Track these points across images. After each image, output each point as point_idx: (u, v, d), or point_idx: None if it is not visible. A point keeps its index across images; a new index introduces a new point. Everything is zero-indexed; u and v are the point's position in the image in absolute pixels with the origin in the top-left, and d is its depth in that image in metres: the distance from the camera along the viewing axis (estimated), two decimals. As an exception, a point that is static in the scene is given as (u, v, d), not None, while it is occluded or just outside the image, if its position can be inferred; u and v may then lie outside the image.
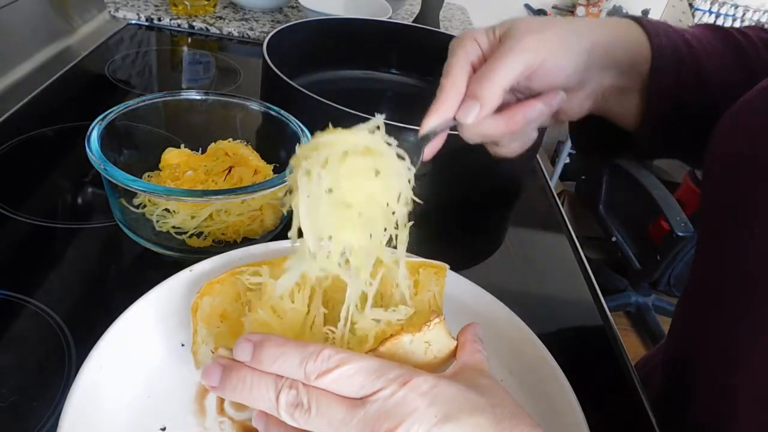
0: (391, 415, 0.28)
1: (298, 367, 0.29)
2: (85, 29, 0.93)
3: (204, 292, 0.38)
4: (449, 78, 0.41)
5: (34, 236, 0.51)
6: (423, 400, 0.28)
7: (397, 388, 0.29)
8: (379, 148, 0.35)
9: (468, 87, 0.41)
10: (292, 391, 0.29)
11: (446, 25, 1.32)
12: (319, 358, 0.29)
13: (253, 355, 0.30)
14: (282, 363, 0.29)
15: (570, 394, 0.39)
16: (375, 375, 0.29)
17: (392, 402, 0.28)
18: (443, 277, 0.42)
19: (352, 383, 0.29)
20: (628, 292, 2.06)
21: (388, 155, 0.35)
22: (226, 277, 0.39)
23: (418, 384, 0.29)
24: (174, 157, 0.54)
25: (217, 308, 0.38)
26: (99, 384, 0.35)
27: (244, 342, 0.30)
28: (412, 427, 0.28)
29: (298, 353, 0.29)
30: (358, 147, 0.35)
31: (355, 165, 0.34)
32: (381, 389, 0.29)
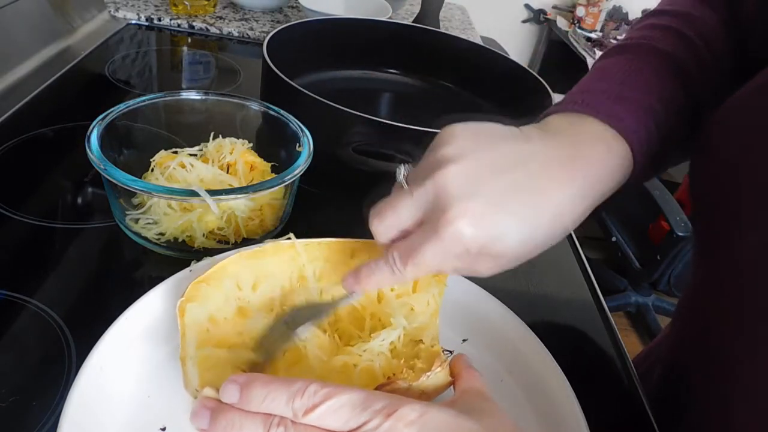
0: None
1: (285, 404, 0.29)
2: (85, 29, 0.93)
3: (190, 296, 0.37)
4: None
5: (34, 236, 0.51)
6: (410, 430, 0.28)
7: (383, 419, 0.28)
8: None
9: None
10: (280, 428, 0.29)
11: (446, 25, 1.32)
12: (305, 394, 0.29)
13: (241, 397, 0.30)
14: (270, 402, 0.29)
15: (570, 394, 0.39)
16: (360, 408, 0.29)
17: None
18: (444, 278, 0.42)
19: (338, 417, 0.29)
20: (628, 292, 2.06)
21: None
22: (211, 274, 0.38)
23: (404, 414, 0.29)
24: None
25: (203, 314, 0.38)
26: (99, 384, 0.35)
27: (231, 384, 0.30)
28: None
29: (285, 391, 0.29)
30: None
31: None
32: (367, 422, 0.28)
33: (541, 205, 0.35)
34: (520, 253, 0.36)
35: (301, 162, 0.50)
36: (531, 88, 0.75)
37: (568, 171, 0.37)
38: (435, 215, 0.35)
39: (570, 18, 2.86)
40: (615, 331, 0.53)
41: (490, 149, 0.36)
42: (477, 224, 0.34)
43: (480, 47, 0.87)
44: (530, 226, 0.35)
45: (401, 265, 0.36)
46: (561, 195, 0.36)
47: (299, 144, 0.53)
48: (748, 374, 0.36)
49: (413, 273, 0.36)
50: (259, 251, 0.41)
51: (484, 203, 0.34)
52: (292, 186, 0.53)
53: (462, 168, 0.35)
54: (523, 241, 0.35)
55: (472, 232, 0.34)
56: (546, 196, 0.36)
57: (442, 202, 0.35)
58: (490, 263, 0.37)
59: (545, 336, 0.43)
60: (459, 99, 0.86)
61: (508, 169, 0.35)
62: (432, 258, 0.35)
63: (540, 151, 0.37)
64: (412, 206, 0.36)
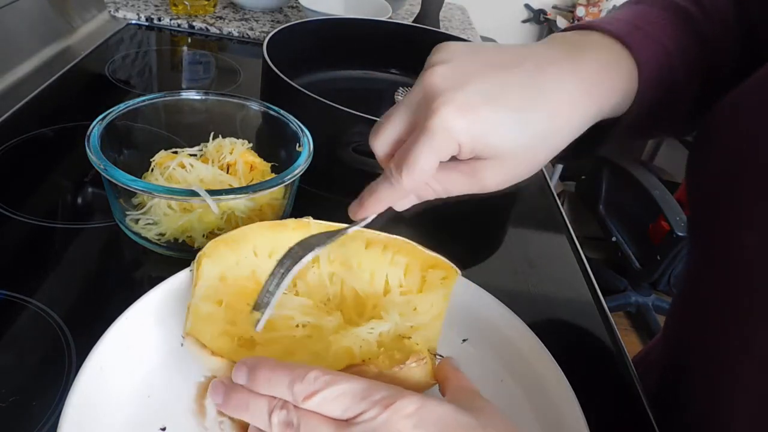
0: None
1: (286, 389, 0.30)
2: (85, 29, 0.93)
3: (207, 252, 0.40)
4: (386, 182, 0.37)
5: (34, 236, 0.51)
6: (407, 422, 0.28)
7: (380, 410, 0.29)
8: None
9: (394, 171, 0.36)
10: (282, 411, 0.30)
11: (446, 25, 1.32)
12: (305, 380, 0.30)
13: (249, 379, 0.32)
14: (273, 385, 0.31)
15: (570, 394, 0.39)
16: (359, 397, 0.29)
17: (375, 424, 0.28)
18: (451, 283, 0.42)
19: (337, 405, 0.29)
20: (628, 292, 2.06)
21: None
22: (234, 235, 0.41)
23: (402, 406, 0.29)
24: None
25: (216, 272, 0.40)
26: (99, 384, 0.35)
27: (241, 366, 0.32)
28: None
29: (287, 376, 0.30)
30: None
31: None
32: (364, 412, 0.29)
33: (536, 98, 0.34)
34: (519, 150, 0.34)
35: (301, 162, 0.50)
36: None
37: (567, 67, 0.35)
38: (423, 113, 0.34)
39: (570, 18, 2.86)
40: (615, 331, 0.53)
41: (483, 52, 0.35)
42: (465, 114, 0.33)
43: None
44: (525, 118, 0.34)
45: (397, 174, 0.35)
46: (558, 89, 0.34)
47: (299, 144, 0.53)
48: (744, 371, 0.36)
49: (409, 180, 0.35)
50: (280, 224, 0.42)
51: (472, 94, 0.33)
52: (292, 186, 0.53)
53: (450, 66, 0.34)
54: (520, 134, 0.34)
55: (460, 123, 0.33)
56: (541, 90, 0.34)
57: (429, 98, 0.34)
58: (492, 169, 0.35)
59: (545, 336, 0.43)
60: (459, 99, 0.86)
61: (501, 66, 0.34)
62: (425, 159, 0.33)
63: (539, 52, 0.36)
64: (403, 112, 0.35)
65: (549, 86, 0.34)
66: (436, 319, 0.40)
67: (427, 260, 0.43)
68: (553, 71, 0.35)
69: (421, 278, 0.43)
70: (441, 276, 0.42)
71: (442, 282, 0.42)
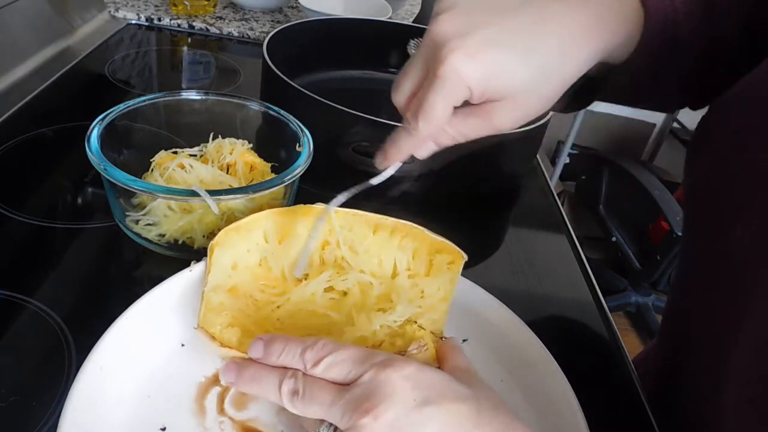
0: (372, 395, 0.30)
1: (298, 357, 0.32)
2: (85, 29, 0.93)
3: (220, 241, 0.41)
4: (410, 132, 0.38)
5: (34, 236, 0.51)
6: (405, 383, 0.30)
7: (380, 369, 0.31)
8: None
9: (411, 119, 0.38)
10: (291, 380, 0.32)
11: (446, 25, 1.32)
12: (315, 347, 0.32)
13: (264, 351, 0.34)
14: (286, 355, 0.33)
15: (570, 394, 0.39)
16: (360, 361, 0.31)
17: (375, 383, 0.30)
18: (458, 268, 0.43)
19: (340, 369, 0.31)
20: (628, 292, 2.06)
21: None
22: (245, 223, 0.43)
23: (401, 367, 0.31)
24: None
25: (228, 260, 0.42)
26: (99, 384, 0.35)
27: (257, 341, 0.34)
28: (390, 408, 0.29)
29: (299, 345, 0.33)
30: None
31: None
32: (365, 372, 0.31)
33: (541, 36, 0.35)
34: (528, 87, 0.35)
35: (301, 162, 0.50)
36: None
37: (572, 4, 0.36)
38: (433, 62, 0.35)
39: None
40: (615, 331, 0.53)
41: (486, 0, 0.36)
42: (473, 57, 0.34)
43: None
44: (531, 56, 0.35)
45: (414, 122, 0.37)
46: (563, 24, 0.35)
47: (299, 144, 0.53)
48: (732, 370, 0.36)
49: (425, 126, 0.36)
50: (290, 210, 0.44)
51: (479, 39, 0.34)
52: (292, 186, 0.53)
53: (455, 13, 0.35)
54: (527, 72, 0.35)
55: (469, 68, 0.34)
56: (546, 27, 0.35)
57: (437, 47, 0.35)
58: (505, 109, 0.36)
59: (545, 336, 0.43)
60: (459, 99, 0.86)
61: (505, 9, 0.35)
62: (438, 105, 0.35)
63: None
64: (417, 64, 0.37)
65: (554, 22, 0.35)
66: (442, 302, 0.42)
67: (434, 245, 0.44)
68: (558, 8, 0.36)
69: (428, 262, 0.44)
70: (448, 261, 0.44)
71: (449, 267, 0.43)
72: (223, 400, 0.38)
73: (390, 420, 0.29)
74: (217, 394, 0.38)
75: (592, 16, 0.36)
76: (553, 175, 2.28)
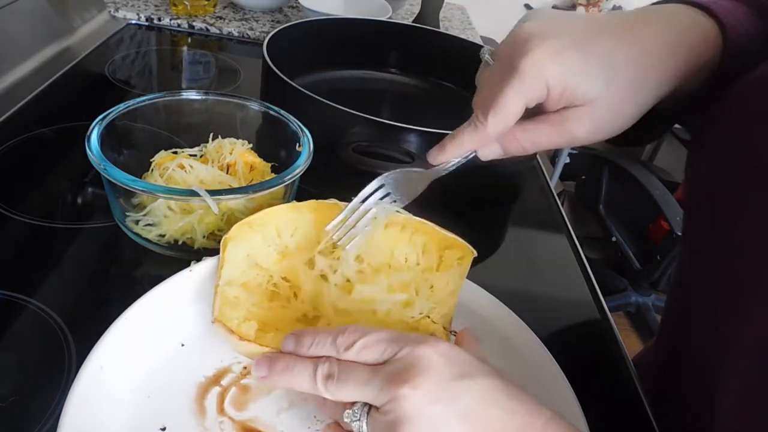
0: (410, 368, 0.30)
1: (330, 344, 0.33)
2: (85, 29, 0.93)
3: (233, 235, 0.42)
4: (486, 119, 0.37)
5: (34, 236, 0.51)
6: (440, 358, 0.31)
7: (415, 346, 0.31)
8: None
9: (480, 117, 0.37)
10: (325, 364, 0.32)
11: (446, 25, 1.32)
12: (347, 332, 0.33)
13: (296, 344, 0.34)
14: (317, 344, 0.34)
15: (570, 394, 0.39)
16: (394, 341, 0.32)
17: (411, 358, 0.31)
18: (467, 264, 0.44)
19: (374, 350, 0.32)
20: (628, 292, 2.06)
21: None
22: (258, 217, 0.43)
23: (435, 344, 0.32)
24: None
25: (242, 252, 0.42)
26: (99, 384, 0.35)
27: (289, 336, 0.35)
28: (428, 380, 0.30)
29: (330, 333, 0.34)
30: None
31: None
32: (400, 349, 0.32)
33: (624, 48, 0.35)
34: (609, 97, 0.35)
35: (301, 162, 0.50)
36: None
37: (654, 24, 0.36)
38: (514, 57, 0.34)
39: (570, 18, 2.85)
40: (615, 331, 0.53)
41: (570, 14, 0.37)
42: (556, 57, 0.34)
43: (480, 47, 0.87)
44: (613, 65, 0.34)
45: (483, 117, 0.36)
46: (645, 43, 0.35)
47: (299, 144, 0.53)
48: (728, 370, 0.36)
49: (494, 123, 0.35)
50: (301, 205, 0.44)
51: (563, 40, 0.34)
52: (292, 186, 0.53)
53: (538, 22, 0.36)
54: (610, 80, 0.34)
55: (551, 65, 0.34)
56: (629, 41, 0.35)
57: (519, 44, 0.35)
58: (582, 118, 0.35)
59: (545, 336, 0.43)
60: (459, 99, 0.86)
61: (583, 23, 0.36)
62: (512, 100, 0.34)
63: (619, 14, 0.37)
64: (496, 63, 0.37)
65: (637, 37, 0.35)
66: (451, 296, 0.42)
67: (444, 240, 0.45)
68: (641, 25, 0.36)
69: (438, 257, 0.45)
70: (457, 256, 0.44)
71: (459, 262, 0.44)
72: (223, 400, 0.38)
73: (429, 391, 0.30)
74: (217, 394, 0.38)
75: (675, 35, 0.36)
76: (553, 175, 2.28)
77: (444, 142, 0.39)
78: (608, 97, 0.35)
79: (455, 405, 0.30)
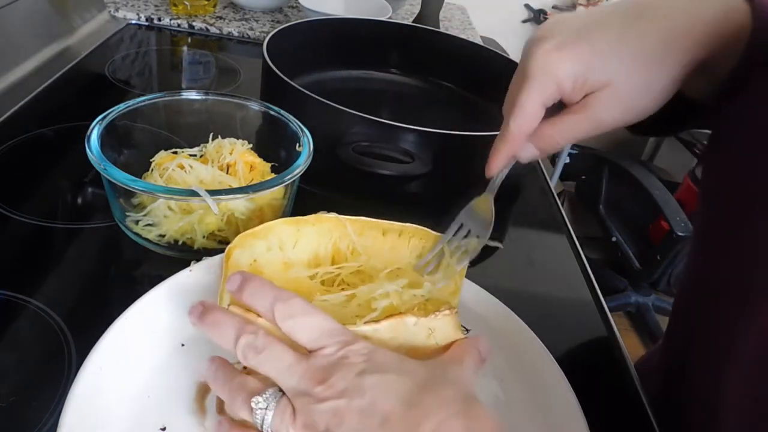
0: (328, 368, 0.31)
1: (269, 305, 0.33)
2: (85, 29, 0.93)
3: (238, 243, 0.41)
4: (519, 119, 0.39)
5: (34, 236, 0.51)
6: (359, 358, 0.31)
7: (340, 347, 0.32)
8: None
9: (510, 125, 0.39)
10: (251, 335, 0.32)
11: (446, 25, 1.32)
12: (288, 302, 0.33)
13: (240, 286, 0.34)
14: (257, 298, 0.33)
15: (570, 394, 0.39)
16: (327, 333, 0.32)
17: (334, 358, 0.31)
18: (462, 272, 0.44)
19: (306, 333, 0.32)
20: (628, 292, 2.06)
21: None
22: (260, 230, 0.43)
23: (358, 348, 0.32)
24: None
25: (247, 259, 0.42)
26: (99, 384, 0.35)
27: (237, 274, 0.34)
28: (340, 378, 0.30)
29: (273, 294, 0.33)
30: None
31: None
32: (327, 346, 0.32)
33: (635, 27, 0.35)
34: (630, 72, 0.35)
35: (301, 162, 0.50)
36: (531, 88, 0.75)
37: (661, 11, 0.35)
38: (524, 62, 0.36)
39: (570, 18, 2.85)
40: (615, 331, 0.53)
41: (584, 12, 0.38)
42: (560, 49, 0.35)
43: (480, 47, 0.87)
44: (625, 42, 0.34)
45: (506, 122, 0.37)
46: (659, 20, 0.35)
47: (299, 144, 0.53)
48: (732, 373, 0.36)
49: (515, 123, 0.37)
50: (301, 219, 0.44)
51: (566, 33, 0.35)
52: (292, 186, 0.53)
53: (545, 26, 0.37)
54: (624, 57, 0.34)
55: (555, 58, 0.35)
56: (640, 22, 0.35)
57: (528, 49, 0.36)
58: (607, 100, 0.35)
59: (545, 336, 0.43)
60: (459, 99, 0.86)
61: (589, 16, 0.36)
62: (527, 101, 0.36)
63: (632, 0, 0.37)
64: (514, 75, 0.38)
65: (648, 17, 0.35)
66: (453, 296, 0.43)
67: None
68: (652, 8, 0.35)
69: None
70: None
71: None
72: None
73: (340, 389, 0.30)
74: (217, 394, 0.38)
75: (693, 9, 0.35)
76: (553, 175, 2.28)
77: (489, 158, 0.41)
78: (629, 74, 0.35)
79: (358, 399, 0.30)
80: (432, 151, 0.59)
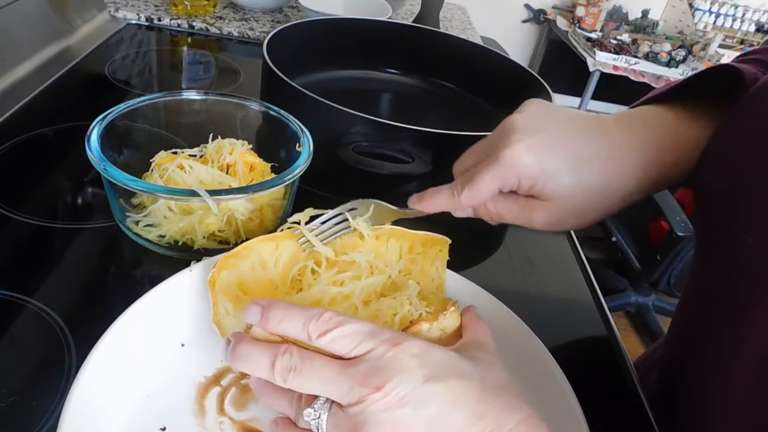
0: (381, 372, 0.30)
1: (301, 327, 0.31)
2: (85, 29, 0.93)
3: (221, 267, 0.40)
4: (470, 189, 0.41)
5: (34, 236, 0.51)
6: (413, 361, 0.30)
7: (389, 347, 0.31)
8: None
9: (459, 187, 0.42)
10: (285, 355, 0.31)
11: (446, 25, 1.32)
12: (321, 319, 0.31)
13: (261, 317, 0.32)
14: (287, 324, 0.32)
15: (570, 394, 0.39)
16: (369, 336, 0.31)
17: (384, 360, 0.30)
18: (445, 254, 0.46)
19: (348, 342, 0.31)
20: (628, 292, 2.06)
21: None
22: (239, 250, 0.42)
23: (409, 346, 0.31)
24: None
25: (234, 280, 0.41)
26: (99, 384, 0.35)
27: (253, 305, 0.32)
28: (399, 384, 0.29)
29: (302, 315, 0.32)
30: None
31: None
32: (374, 349, 0.31)
33: (601, 157, 0.39)
34: (571, 201, 0.39)
35: (301, 162, 0.50)
36: (531, 88, 0.76)
37: (632, 132, 0.40)
38: (498, 145, 0.39)
39: (570, 18, 2.86)
40: (615, 331, 0.53)
41: (559, 110, 0.41)
42: (532, 153, 0.38)
43: (480, 47, 0.87)
44: (585, 173, 0.39)
45: (460, 189, 0.40)
46: (619, 144, 0.39)
47: (299, 144, 0.53)
48: (733, 372, 0.36)
49: (468, 197, 0.40)
50: (275, 236, 0.44)
51: (543, 140, 0.38)
52: (292, 186, 0.53)
53: (528, 114, 0.40)
54: (575, 187, 0.38)
55: (526, 160, 0.38)
56: (607, 152, 0.39)
57: (506, 134, 0.39)
58: (542, 210, 0.40)
59: (545, 336, 0.43)
60: (459, 99, 0.86)
61: (562, 120, 0.40)
62: (486, 182, 0.39)
63: (605, 116, 0.41)
64: (482, 144, 0.41)
65: (615, 148, 0.39)
66: (438, 290, 0.44)
67: (418, 239, 0.46)
68: (620, 134, 0.40)
69: (417, 256, 0.46)
70: (438, 249, 0.46)
71: (439, 254, 0.46)
72: (223, 400, 0.38)
73: (400, 396, 0.29)
74: (217, 394, 0.38)
75: (654, 140, 0.40)
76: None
77: (424, 194, 0.43)
78: (571, 199, 0.39)
79: (424, 410, 0.29)
80: (432, 151, 0.59)
